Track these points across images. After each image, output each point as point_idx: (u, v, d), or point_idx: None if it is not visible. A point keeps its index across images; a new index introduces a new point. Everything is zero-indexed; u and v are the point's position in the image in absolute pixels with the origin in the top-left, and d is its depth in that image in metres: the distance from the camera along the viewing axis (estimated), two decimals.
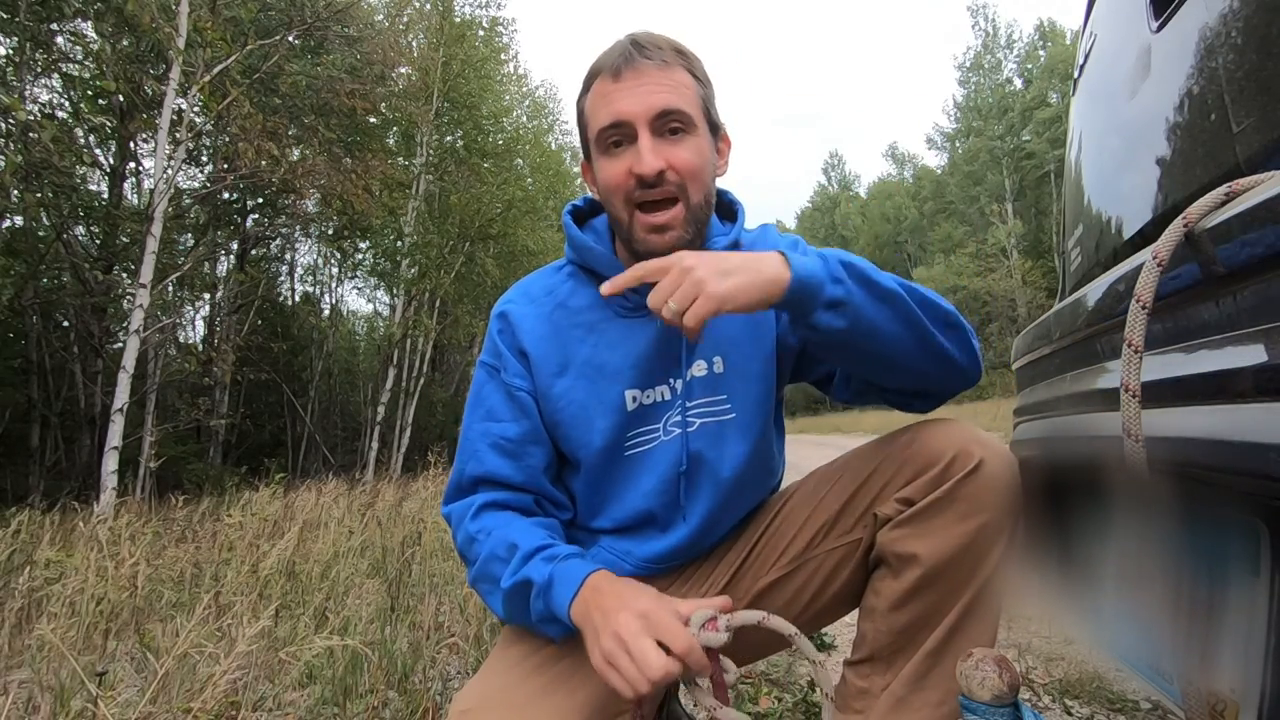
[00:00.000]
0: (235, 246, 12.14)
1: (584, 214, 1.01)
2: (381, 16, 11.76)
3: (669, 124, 0.83)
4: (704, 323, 0.70)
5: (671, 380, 0.90)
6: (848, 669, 0.86)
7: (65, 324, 9.31)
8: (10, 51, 7.28)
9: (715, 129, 0.91)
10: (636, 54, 0.83)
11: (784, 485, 1.02)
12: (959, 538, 0.76)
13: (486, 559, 0.84)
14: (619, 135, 0.83)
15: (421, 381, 12.21)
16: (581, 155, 0.95)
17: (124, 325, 8.50)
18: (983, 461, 0.77)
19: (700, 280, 0.70)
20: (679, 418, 0.90)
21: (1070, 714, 1.49)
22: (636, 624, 0.69)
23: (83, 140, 8.78)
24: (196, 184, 9.93)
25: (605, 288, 0.79)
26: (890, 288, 0.77)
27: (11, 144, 6.30)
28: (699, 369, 0.90)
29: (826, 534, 0.88)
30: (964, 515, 0.76)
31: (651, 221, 0.84)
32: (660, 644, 0.68)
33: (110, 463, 5.75)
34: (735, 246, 0.97)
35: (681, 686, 0.71)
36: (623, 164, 0.83)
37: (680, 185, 0.83)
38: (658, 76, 0.83)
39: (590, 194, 0.99)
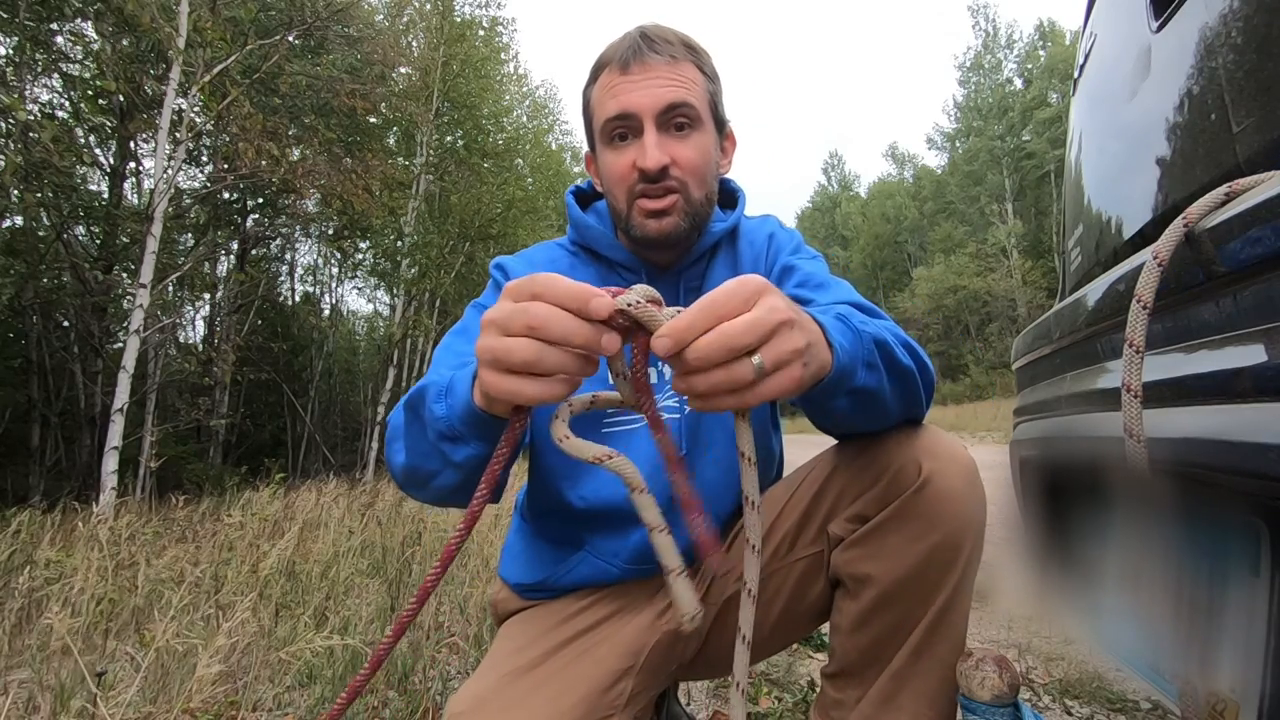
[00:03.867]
0: (235, 246, 12.12)
1: (587, 197, 1.01)
2: (381, 16, 11.76)
3: (675, 118, 0.82)
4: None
5: (659, 365, 0.89)
6: (824, 680, 0.85)
7: (65, 324, 9.28)
8: (10, 51, 7.27)
9: (721, 126, 0.90)
10: (645, 47, 0.82)
11: None
12: (913, 558, 0.72)
13: (402, 405, 0.73)
14: (624, 128, 0.83)
15: None
16: (585, 147, 0.95)
17: (124, 325, 8.49)
18: (930, 476, 0.71)
19: (803, 346, 0.50)
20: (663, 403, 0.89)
21: (1070, 714, 1.49)
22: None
23: (83, 140, 8.77)
24: (196, 184, 9.91)
25: None
26: (907, 366, 0.68)
27: (11, 144, 6.29)
28: None
29: (791, 545, 0.86)
30: (916, 536, 0.72)
31: (650, 206, 0.83)
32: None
33: (110, 463, 5.74)
34: (734, 233, 0.96)
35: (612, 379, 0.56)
36: (626, 157, 0.83)
37: (682, 181, 0.83)
38: (666, 71, 0.82)
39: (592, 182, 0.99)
